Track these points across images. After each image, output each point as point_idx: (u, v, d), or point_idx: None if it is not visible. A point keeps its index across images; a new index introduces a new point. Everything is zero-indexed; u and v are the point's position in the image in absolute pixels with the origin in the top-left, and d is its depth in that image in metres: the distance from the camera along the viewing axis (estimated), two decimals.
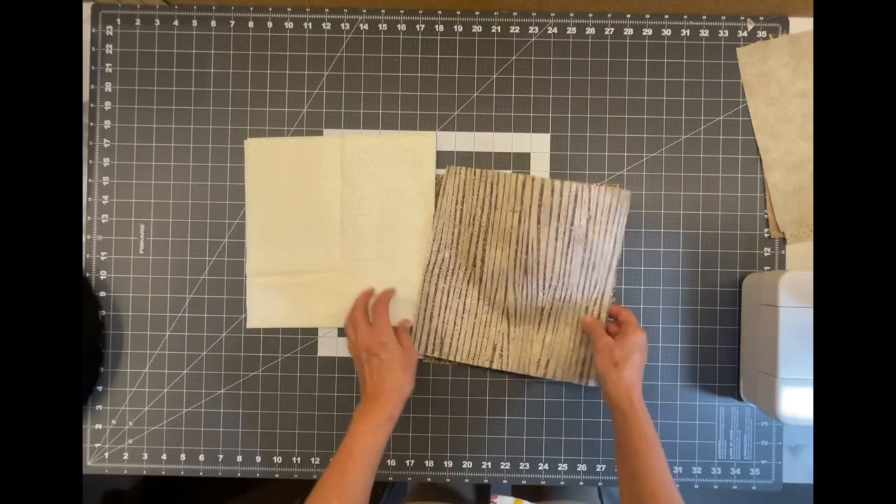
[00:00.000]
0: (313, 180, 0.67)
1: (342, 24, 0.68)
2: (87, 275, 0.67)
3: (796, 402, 0.56)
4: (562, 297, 0.65)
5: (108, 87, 0.67)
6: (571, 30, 0.67)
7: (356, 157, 0.67)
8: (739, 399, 0.66)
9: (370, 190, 0.67)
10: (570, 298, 0.65)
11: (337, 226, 0.67)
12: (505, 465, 0.67)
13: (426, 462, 0.67)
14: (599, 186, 0.65)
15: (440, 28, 0.67)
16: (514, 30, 0.67)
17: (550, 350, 0.65)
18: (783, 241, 0.67)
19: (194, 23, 0.68)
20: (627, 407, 0.54)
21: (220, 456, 0.67)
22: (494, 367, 0.66)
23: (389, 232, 0.67)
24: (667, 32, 0.67)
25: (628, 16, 0.67)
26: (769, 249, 0.67)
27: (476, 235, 0.66)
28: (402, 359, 0.58)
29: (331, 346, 0.67)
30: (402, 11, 0.67)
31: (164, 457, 0.67)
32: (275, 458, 0.67)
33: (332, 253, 0.67)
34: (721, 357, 0.67)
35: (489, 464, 0.67)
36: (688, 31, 0.67)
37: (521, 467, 0.67)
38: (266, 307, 0.67)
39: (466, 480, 0.67)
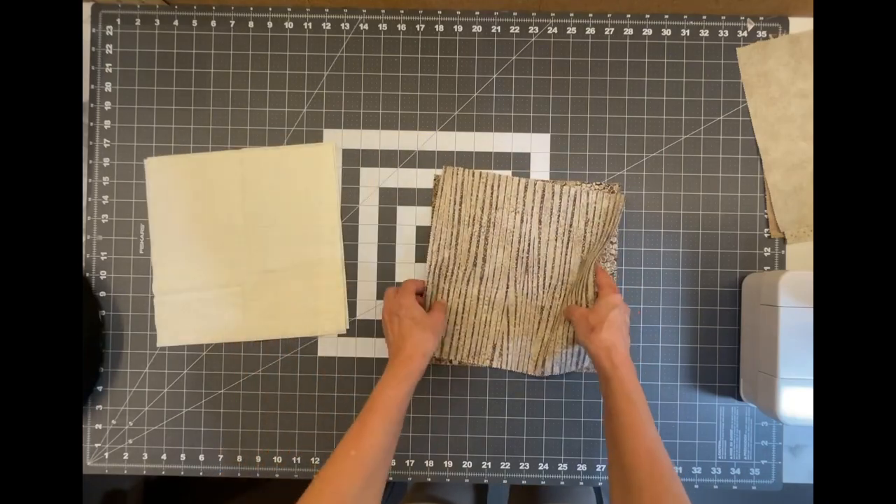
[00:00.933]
0: (215, 196, 0.67)
1: (342, 24, 0.68)
2: (87, 275, 0.67)
3: (796, 402, 0.56)
4: (561, 296, 0.66)
5: (108, 87, 0.67)
6: (571, 30, 0.67)
7: (256, 171, 0.67)
8: (739, 399, 0.66)
9: (272, 202, 0.67)
10: (569, 298, 0.65)
11: (241, 240, 0.66)
12: (505, 465, 0.67)
13: (426, 462, 0.67)
14: (597, 191, 0.66)
15: (440, 28, 0.67)
16: (514, 30, 0.67)
17: (547, 349, 0.66)
18: (783, 241, 0.67)
19: (194, 23, 0.68)
20: (609, 368, 0.53)
21: (220, 456, 0.67)
22: (494, 365, 0.66)
23: (297, 243, 0.67)
24: (667, 32, 0.67)
25: (628, 16, 0.67)
26: (769, 249, 0.67)
27: (477, 235, 0.66)
28: (425, 320, 0.59)
29: (331, 347, 0.67)
30: (402, 11, 0.67)
31: (164, 457, 0.67)
32: (275, 458, 0.67)
33: (238, 267, 0.66)
34: (721, 357, 0.67)
35: (489, 464, 0.67)
36: (688, 31, 0.67)
37: (521, 467, 0.67)
38: (175, 325, 0.67)
39: (466, 480, 0.67)
